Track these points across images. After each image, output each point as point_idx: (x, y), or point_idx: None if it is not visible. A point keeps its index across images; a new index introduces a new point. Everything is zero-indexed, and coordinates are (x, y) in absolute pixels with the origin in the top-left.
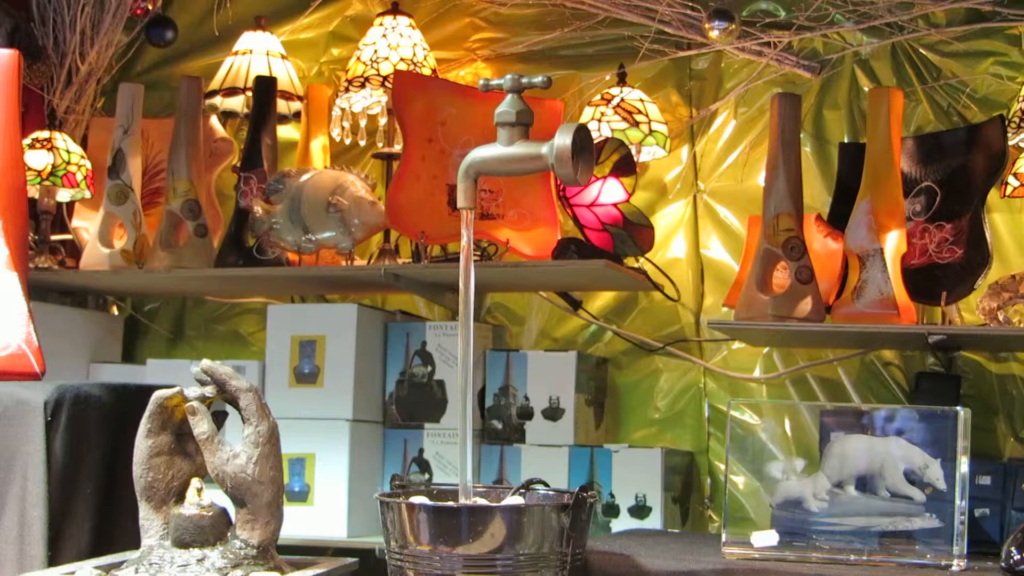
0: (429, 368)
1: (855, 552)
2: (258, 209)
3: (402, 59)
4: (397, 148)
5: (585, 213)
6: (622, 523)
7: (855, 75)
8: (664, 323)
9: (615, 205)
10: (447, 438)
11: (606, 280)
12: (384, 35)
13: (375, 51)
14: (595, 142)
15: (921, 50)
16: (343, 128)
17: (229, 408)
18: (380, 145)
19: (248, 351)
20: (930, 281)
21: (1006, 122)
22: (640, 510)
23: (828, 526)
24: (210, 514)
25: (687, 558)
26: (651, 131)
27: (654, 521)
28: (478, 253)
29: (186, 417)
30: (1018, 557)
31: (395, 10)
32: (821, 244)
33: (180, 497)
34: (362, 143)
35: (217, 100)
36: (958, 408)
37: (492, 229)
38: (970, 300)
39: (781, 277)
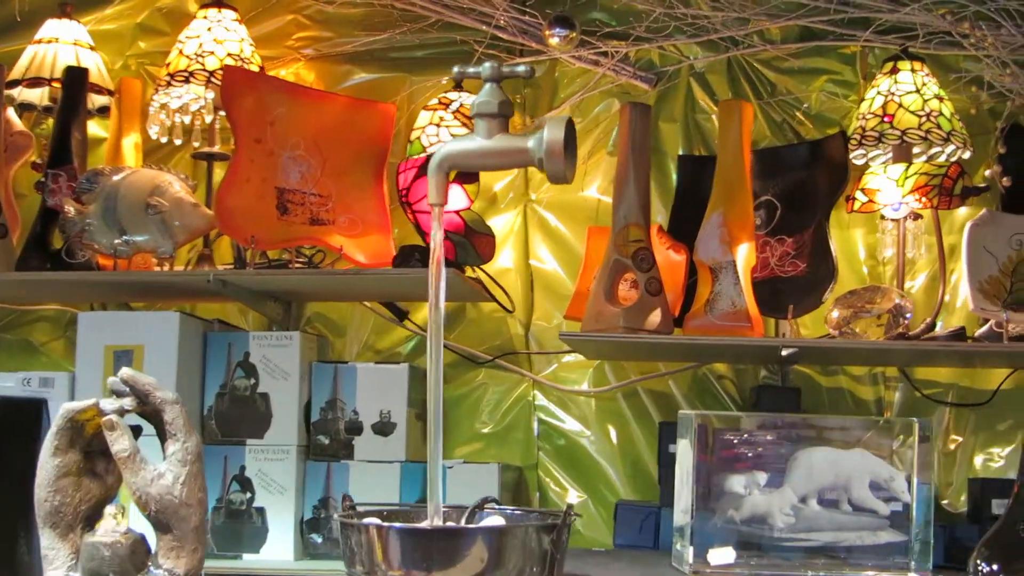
0: (252, 381)
1: (823, 568)
2: (70, 209)
3: (229, 54)
4: (217, 148)
5: (428, 221)
6: None
7: (691, 88)
8: (492, 335)
9: (457, 212)
10: (272, 455)
11: (447, 290)
12: (209, 28)
13: (200, 44)
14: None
15: (757, 65)
16: (163, 125)
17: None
18: (196, 145)
19: (39, 362)
20: (774, 294)
21: (847, 138)
22: None
23: (795, 541)
24: (128, 541)
25: None
26: None
27: None
28: (303, 261)
29: (96, 433)
30: (988, 569)
31: (219, 3)
32: (663, 256)
33: (88, 523)
34: (178, 142)
35: (16, 91)
36: (915, 419)
37: (323, 235)
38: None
39: (629, 289)
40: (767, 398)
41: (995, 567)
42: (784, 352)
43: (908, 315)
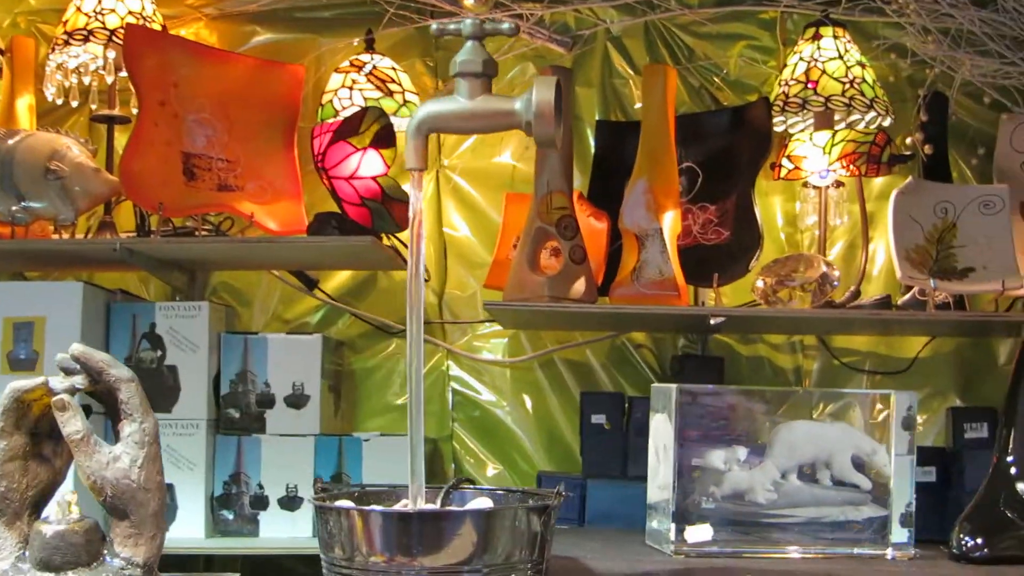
0: (159, 353)
1: (806, 544)
2: None
3: (130, 12)
4: (117, 111)
5: (344, 186)
6: None
7: (608, 53)
8: (405, 304)
9: (375, 179)
10: (180, 429)
11: (363, 259)
12: None
13: (99, 1)
14: (355, 112)
15: (674, 30)
16: (59, 86)
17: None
18: (94, 107)
19: None
20: (698, 262)
21: (771, 105)
22: None
23: (777, 518)
24: (82, 529)
25: (635, 559)
26: (405, 102)
27: None
28: (209, 228)
29: (43, 414)
30: (972, 543)
31: None
32: (585, 223)
33: (35, 510)
34: (75, 104)
35: None
36: (891, 392)
37: (232, 202)
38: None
39: (551, 257)
40: (690, 368)
41: (979, 540)
42: (713, 321)
43: (835, 283)
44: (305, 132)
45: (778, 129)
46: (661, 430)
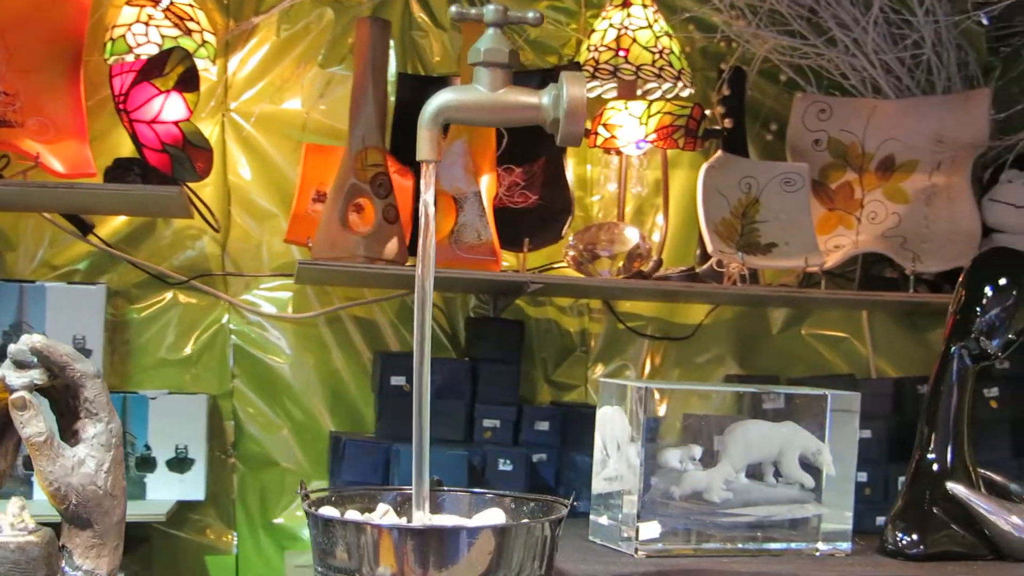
0: None
1: (758, 541)
2: None
3: None
4: None
5: (145, 131)
6: (159, 478)
7: (408, 4)
8: (184, 252)
9: (176, 123)
10: None
11: (159, 207)
12: None
13: None
14: (159, 52)
15: None
16: None
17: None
18: None
19: None
20: (505, 225)
21: (581, 69)
22: (181, 463)
23: (731, 516)
24: (42, 540)
25: (602, 559)
26: (204, 42)
27: (197, 474)
28: None
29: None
30: (907, 540)
31: None
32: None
33: None
34: None
35: None
36: (826, 392)
37: (13, 139)
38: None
39: (364, 215)
40: (490, 331)
41: (914, 537)
42: (530, 288)
43: (645, 255)
44: (95, 68)
45: (589, 96)
46: (612, 423)
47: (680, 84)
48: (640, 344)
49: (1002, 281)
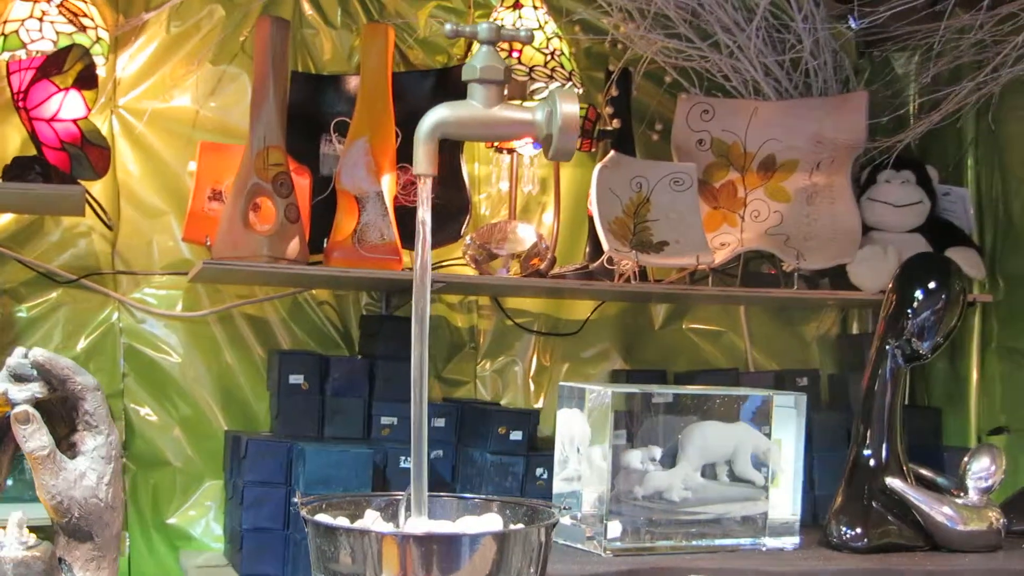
0: None
1: (711, 537)
2: None
3: None
4: None
5: (44, 128)
6: None
7: (299, 2)
8: (73, 251)
9: (75, 121)
10: None
11: (56, 206)
12: None
13: None
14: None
15: None
16: None
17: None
18: None
19: None
20: (402, 224)
21: None
22: None
23: (690, 515)
24: (44, 555)
25: (573, 559)
26: (98, 39)
27: None
28: None
29: None
30: (851, 534)
31: None
32: None
33: None
34: None
35: None
36: (772, 393)
37: None
38: None
39: (265, 214)
40: (386, 329)
41: (857, 531)
42: (434, 287)
43: (543, 252)
44: None
45: None
46: (572, 425)
47: (570, 84)
48: (528, 340)
49: (932, 285)
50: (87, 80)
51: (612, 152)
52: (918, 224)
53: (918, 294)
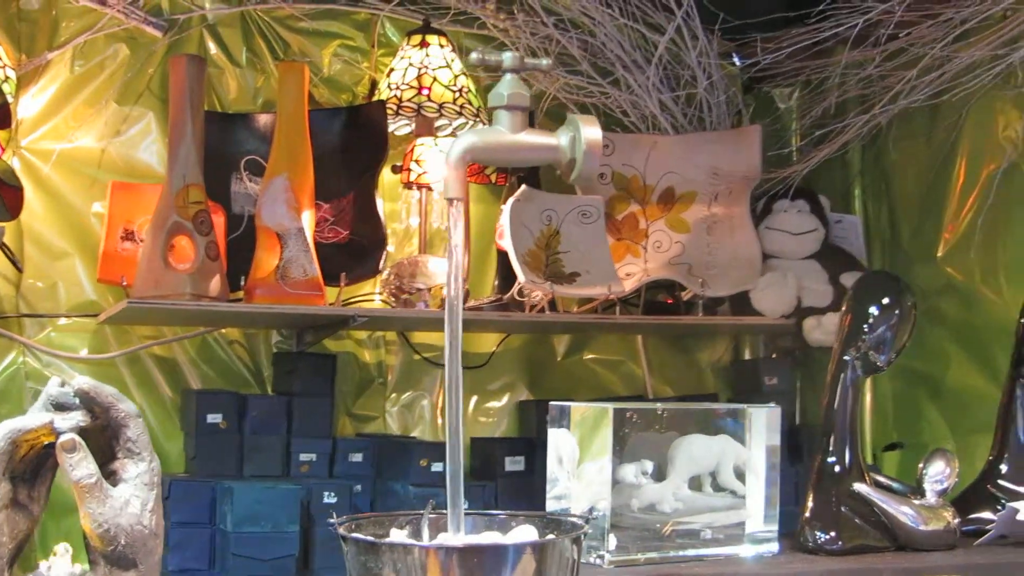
0: None
1: (698, 547)
2: None
3: None
4: None
5: None
6: None
7: (204, 40)
8: None
9: None
10: None
11: None
12: None
13: None
14: None
15: (272, 23)
16: None
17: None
18: None
19: None
20: (322, 260)
21: (386, 106)
22: None
23: (680, 526)
24: None
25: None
26: (6, 77)
27: None
28: None
29: (25, 456)
30: (825, 538)
31: None
32: None
33: (9, 565)
34: None
35: None
36: (748, 407)
37: None
38: None
39: (185, 252)
40: (302, 366)
41: (831, 534)
42: (355, 322)
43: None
44: None
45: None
46: (561, 443)
47: (478, 121)
48: (435, 374)
49: (886, 301)
50: (0, 119)
51: (523, 186)
52: (815, 251)
53: (872, 310)
